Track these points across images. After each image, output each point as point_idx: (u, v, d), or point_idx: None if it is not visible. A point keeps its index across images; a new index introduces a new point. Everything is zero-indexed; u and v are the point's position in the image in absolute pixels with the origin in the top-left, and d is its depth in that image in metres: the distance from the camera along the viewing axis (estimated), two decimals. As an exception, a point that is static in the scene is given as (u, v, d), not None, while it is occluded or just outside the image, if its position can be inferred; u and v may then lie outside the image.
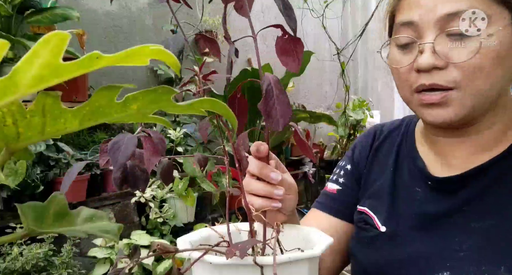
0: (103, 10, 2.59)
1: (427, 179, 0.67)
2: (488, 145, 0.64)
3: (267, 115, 0.40)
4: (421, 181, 0.68)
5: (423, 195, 0.67)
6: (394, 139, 0.77)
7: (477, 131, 0.64)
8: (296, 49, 0.42)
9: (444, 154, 0.68)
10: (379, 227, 0.69)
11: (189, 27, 3.01)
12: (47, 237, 1.58)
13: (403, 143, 0.76)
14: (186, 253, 0.42)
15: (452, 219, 0.63)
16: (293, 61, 0.42)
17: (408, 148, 0.74)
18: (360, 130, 4.32)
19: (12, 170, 1.51)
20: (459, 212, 0.63)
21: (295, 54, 0.42)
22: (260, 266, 0.38)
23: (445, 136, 0.67)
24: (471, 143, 0.65)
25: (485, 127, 0.64)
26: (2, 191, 1.67)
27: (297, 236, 0.54)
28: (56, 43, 0.19)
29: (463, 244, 0.60)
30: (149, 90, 0.24)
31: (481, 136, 0.64)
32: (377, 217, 0.71)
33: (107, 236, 0.31)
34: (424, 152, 0.72)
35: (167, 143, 2.36)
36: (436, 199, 0.66)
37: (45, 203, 0.31)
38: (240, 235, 0.53)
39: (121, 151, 0.39)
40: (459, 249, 0.60)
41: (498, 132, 0.64)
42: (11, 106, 0.23)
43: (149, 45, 0.22)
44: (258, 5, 4.00)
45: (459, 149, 0.66)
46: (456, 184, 0.64)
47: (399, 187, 0.71)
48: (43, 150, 1.81)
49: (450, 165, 0.67)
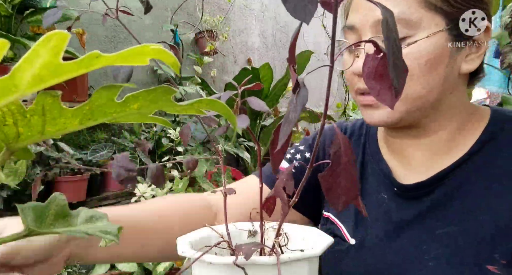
0: (103, 10, 2.59)
1: (393, 186, 0.67)
2: (444, 148, 0.64)
3: (327, 188, 0.32)
4: (387, 186, 0.68)
5: (388, 202, 0.67)
6: (359, 140, 0.76)
7: (427, 134, 0.65)
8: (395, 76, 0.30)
9: (403, 155, 0.68)
10: (348, 239, 0.68)
11: (189, 27, 3.01)
12: (47, 237, 1.58)
13: (366, 144, 0.75)
14: (188, 253, 0.42)
15: (419, 226, 0.63)
16: (390, 92, 0.31)
17: (371, 149, 0.74)
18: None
19: (12, 170, 1.51)
20: (425, 219, 0.62)
21: (392, 81, 0.31)
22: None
23: (401, 137, 0.68)
24: (425, 146, 0.65)
25: (434, 129, 0.64)
26: (2, 190, 1.67)
27: (296, 236, 0.54)
28: (56, 42, 0.19)
29: (431, 252, 0.60)
30: (149, 90, 0.24)
31: (433, 138, 0.64)
32: (345, 227, 0.70)
33: (107, 237, 0.31)
34: (386, 153, 0.71)
35: (167, 143, 2.36)
36: (402, 207, 0.65)
37: (45, 203, 0.31)
38: (240, 235, 0.53)
39: None
40: (428, 258, 0.60)
41: (450, 134, 0.64)
42: (11, 105, 0.23)
43: (149, 45, 0.22)
44: (258, 4, 4.00)
45: (416, 151, 0.66)
46: (421, 190, 0.64)
47: (365, 192, 0.70)
48: (43, 149, 1.81)
49: (412, 168, 0.67)
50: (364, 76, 0.30)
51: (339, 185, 0.31)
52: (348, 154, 0.31)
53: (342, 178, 0.31)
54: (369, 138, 0.75)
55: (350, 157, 0.31)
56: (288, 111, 0.32)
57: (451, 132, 0.64)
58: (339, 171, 0.31)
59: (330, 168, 0.31)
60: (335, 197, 0.32)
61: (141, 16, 2.80)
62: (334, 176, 0.31)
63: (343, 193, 0.31)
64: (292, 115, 0.31)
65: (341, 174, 0.31)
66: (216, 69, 3.34)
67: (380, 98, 0.31)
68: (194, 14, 3.11)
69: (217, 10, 3.34)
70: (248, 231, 0.52)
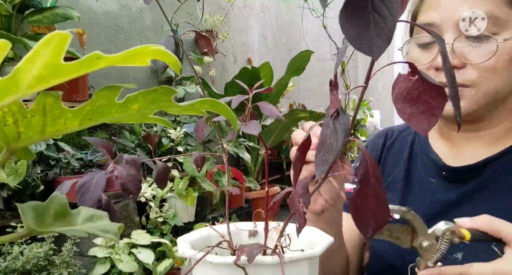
0: (103, 10, 2.59)
1: (441, 169, 0.71)
2: (498, 139, 0.69)
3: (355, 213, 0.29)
4: (435, 171, 0.72)
5: (436, 184, 0.71)
6: (406, 138, 0.81)
7: (488, 127, 0.69)
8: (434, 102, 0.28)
9: (457, 147, 0.72)
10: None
11: (189, 27, 3.01)
12: (48, 237, 1.58)
13: (416, 141, 0.79)
14: (188, 253, 0.43)
15: (463, 206, 0.67)
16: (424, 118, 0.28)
17: (421, 144, 0.78)
18: (361, 130, 4.33)
19: (13, 170, 1.51)
20: (470, 201, 0.67)
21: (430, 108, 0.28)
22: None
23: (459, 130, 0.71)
24: (482, 137, 0.70)
25: (494, 124, 0.69)
26: (2, 190, 1.67)
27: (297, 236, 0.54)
28: (58, 43, 0.19)
29: None
30: (149, 90, 0.25)
31: (492, 131, 0.69)
32: None
33: (107, 236, 0.31)
34: (438, 146, 0.75)
35: (167, 143, 2.36)
36: (449, 188, 0.70)
37: (46, 203, 0.31)
38: (240, 234, 0.53)
39: (89, 194, 0.37)
40: None
41: (506, 130, 0.69)
42: (12, 106, 0.23)
43: (150, 46, 0.22)
44: (258, 4, 4.00)
45: (471, 142, 0.71)
46: (468, 173, 0.68)
47: (412, 180, 0.75)
48: (43, 149, 1.81)
49: (462, 157, 0.71)
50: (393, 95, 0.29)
51: (368, 209, 0.29)
52: (376, 175, 0.29)
53: (371, 200, 0.29)
54: (419, 135, 0.80)
55: (378, 178, 0.29)
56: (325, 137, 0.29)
57: (504, 127, 0.69)
58: (368, 193, 0.29)
59: (359, 189, 0.29)
60: (364, 222, 0.29)
61: (141, 16, 2.80)
62: (363, 198, 0.29)
63: (372, 218, 0.29)
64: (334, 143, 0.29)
65: (370, 196, 0.29)
66: (217, 69, 3.34)
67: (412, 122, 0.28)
68: (194, 13, 3.11)
69: (217, 9, 3.34)
70: (248, 231, 0.53)
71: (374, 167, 0.29)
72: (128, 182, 0.39)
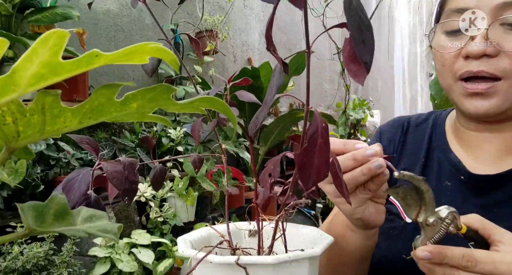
0: (103, 9, 2.59)
1: (460, 174, 0.67)
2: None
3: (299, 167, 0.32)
4: (452, 175, 0.68)
5: (452, 190, 0.67)
6: (424, 131, 0.76)
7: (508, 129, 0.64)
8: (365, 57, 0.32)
9: (472, 148, 0.68)
10: (404, 217, 0.68)
11: (189, 26, 3.00)
12: (48, 236, 1.58)
13: (433, 135, 0.75)
14: (188, 252, 0.42)
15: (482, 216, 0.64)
16: (362, 72, 0.33)
17: (438, 139, 0.74)
18: (361, 129, 4.32)
19: (13, 169, 1.51)
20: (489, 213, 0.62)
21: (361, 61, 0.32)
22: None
23: (477, 130, 0.67)
24: (500, 140, 0.65)
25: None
26: (2, 190, 1.67)
27: (297, 236, 0.54)
28: (55, 41, 0.19)
29: None
30: (148, 89, 0.24)
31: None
32: None
33: (107, 236, 0.31)
34: (454, 144, 0.71)
35: (168, 143, 2.36)
36: (467, 195, 0.65)
37: (46, 203, 0.30)
38: (240, 234, 0.53)
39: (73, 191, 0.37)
40: None
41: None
42: (11, 104, 0.23)
43: (149, 43, 0.22)
44: (258, 4, 4.00)
45: (487, 144, 0.66)
46: (490, 183, 0.64)
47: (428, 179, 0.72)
48: (43, 149, 1.81)
49: (479, 160, 0.67)
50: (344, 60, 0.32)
51: (311, 165, 0.32)
52: (324, 137, 0.32)
53: (316, 158, 0.32)
54: (435, 129, 0.75)
55: (327, 139, 0.32)
56: None
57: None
58: (314, 151, 0.32)
59: (306, 148, 0.32)
60: (306, 177, 0.32)
61: (141, 16, 2.80)
62: (309, 156, 0.32)
63: (314, 173, 0.32)
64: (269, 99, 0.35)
65: (316, 154, 0.32)
66: (216, 69, 3.34)
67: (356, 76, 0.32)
68: (194, 13, 3.11)
69: (217, 9, 3.34)
70: (248, 231, 0.53)
71: (324, 129, 0.32)
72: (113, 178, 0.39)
